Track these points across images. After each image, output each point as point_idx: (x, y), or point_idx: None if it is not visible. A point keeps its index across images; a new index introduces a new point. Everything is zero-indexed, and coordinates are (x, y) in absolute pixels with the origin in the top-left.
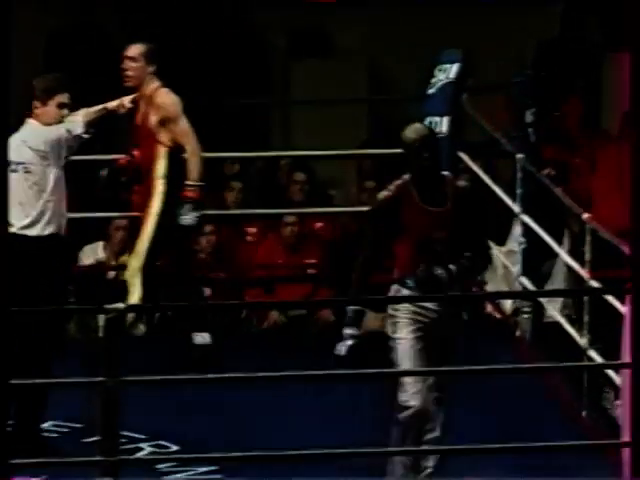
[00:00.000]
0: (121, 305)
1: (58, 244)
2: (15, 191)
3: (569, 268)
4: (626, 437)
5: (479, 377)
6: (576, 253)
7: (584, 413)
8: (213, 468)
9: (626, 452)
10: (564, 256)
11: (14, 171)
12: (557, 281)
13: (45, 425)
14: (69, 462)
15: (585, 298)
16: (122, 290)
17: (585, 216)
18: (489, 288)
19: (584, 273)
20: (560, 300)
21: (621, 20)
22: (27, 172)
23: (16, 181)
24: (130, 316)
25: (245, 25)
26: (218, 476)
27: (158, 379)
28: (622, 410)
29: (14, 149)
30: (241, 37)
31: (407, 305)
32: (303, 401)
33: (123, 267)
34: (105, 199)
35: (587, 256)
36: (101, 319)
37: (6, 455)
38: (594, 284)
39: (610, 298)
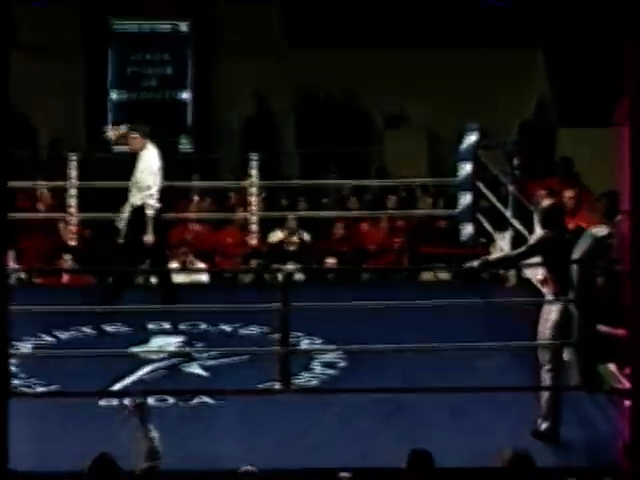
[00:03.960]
0: (291, 267)
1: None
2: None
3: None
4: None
5: (482, 308)
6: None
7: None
8: (342, 354)
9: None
10: (533, 239)
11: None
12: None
13: (253, 328)
14: (258, 351)
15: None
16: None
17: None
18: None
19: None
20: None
21: (572, 101)
22: None
23: None
24: None
25: (357, 109)
26: (345, 356)
27: (318, 306)
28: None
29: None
30: (354, 117)
31: None
32: (396, 321)
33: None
34: None
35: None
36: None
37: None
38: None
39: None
